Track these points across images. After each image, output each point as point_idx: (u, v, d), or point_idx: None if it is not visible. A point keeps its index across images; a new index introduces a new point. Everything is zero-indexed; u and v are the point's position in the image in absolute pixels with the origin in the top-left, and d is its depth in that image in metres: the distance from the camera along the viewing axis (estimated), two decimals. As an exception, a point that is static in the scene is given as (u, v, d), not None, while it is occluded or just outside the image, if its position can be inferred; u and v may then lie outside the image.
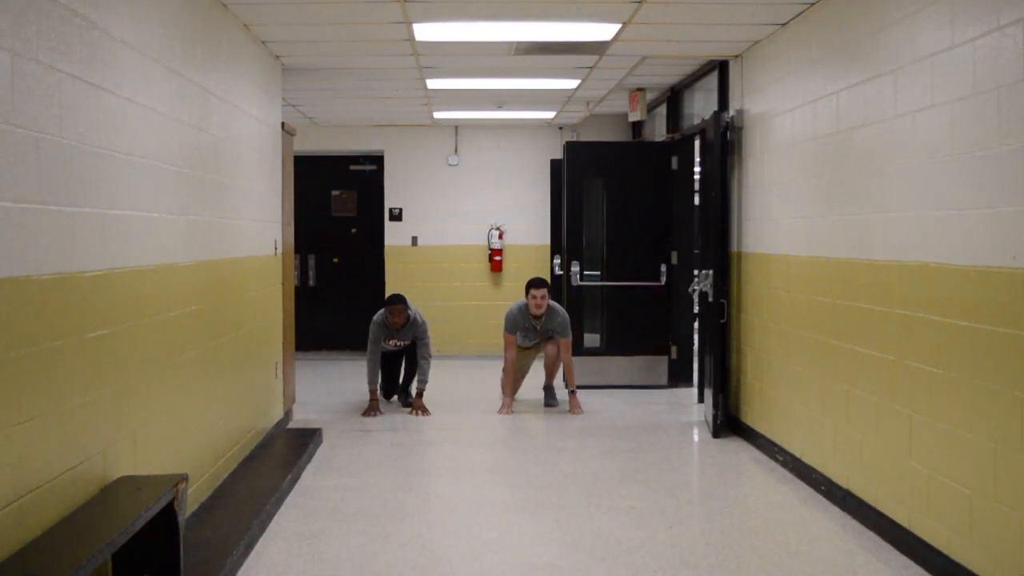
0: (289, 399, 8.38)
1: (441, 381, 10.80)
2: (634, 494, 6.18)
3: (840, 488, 5.79)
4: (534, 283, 9.02)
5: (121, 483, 4.23)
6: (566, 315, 9.16)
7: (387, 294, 12.63)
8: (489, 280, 12.75)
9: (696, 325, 9.70)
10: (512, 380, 9.17)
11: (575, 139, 12.39)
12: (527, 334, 9.16)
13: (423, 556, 5.00)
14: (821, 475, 6.09)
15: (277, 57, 7.87)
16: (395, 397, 9.57)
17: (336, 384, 10.65)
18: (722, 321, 8.08)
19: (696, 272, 8.82)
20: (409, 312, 9.08)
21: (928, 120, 4.74)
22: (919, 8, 4.81)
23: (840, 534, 5.36)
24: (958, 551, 4.48)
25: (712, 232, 8.19)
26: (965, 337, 4.40)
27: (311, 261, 12.95)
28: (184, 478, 4.28)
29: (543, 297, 8.94)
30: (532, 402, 9.53)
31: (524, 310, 9.07)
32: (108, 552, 3.53)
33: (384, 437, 8.04)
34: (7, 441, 3.37)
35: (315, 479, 6.54)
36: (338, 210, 13.02)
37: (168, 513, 4.13)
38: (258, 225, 7.15)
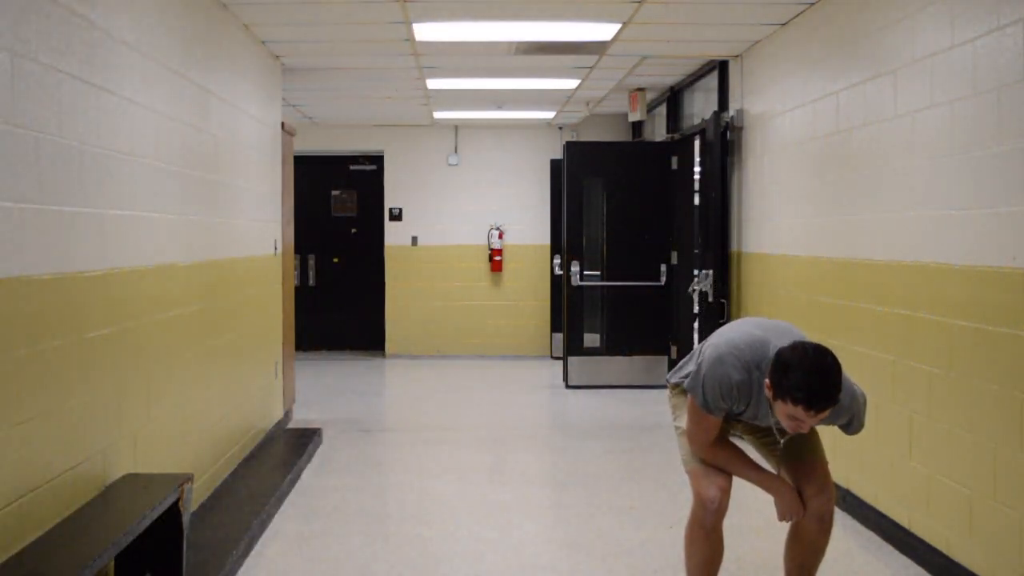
0: (289, 399, 8.38)
1: (441, 381, 10.81)
2: (634, 494, 6.18)
3: (840, 488, 5.78)
4: (814, 402, 3.38)
5: (125, 481, 4.24)
6: (861, 396, 3.78)
7: (387, 294, 12.67)
8: (489, 280, 12.75)
9: (696, 325, 9.70)
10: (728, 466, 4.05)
11: (575, 139, 12.38)
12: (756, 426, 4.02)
13: (423, 556, 5.00)
14: (821, 475, 6.08)
15: (277, 57, 7.86)
16: None
17: (336, 384, 10.65)
18: (722, 321, 8.08)
19: (696, 272, 8.82)
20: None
21: (928, 120, 4.74)
22: (919, 8, 4.81)
23: (840, 534, 5.35)
24: (958, 551, 4.48)
25: (712, 232, 8.19)
26: (965, 337, 4.40)
27: (311, 261, 12.95)
28: (189, 478, 4.28)
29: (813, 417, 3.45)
30: (530, 399, 9.53)
31: (755, 386, 3.67)
32: (114, 552, 3.53)
33: (384, 437, 8.04)
34: (7, 441, 3.37)
35: (315, 479, 6.54)
36: (338, 210, 13.02)
37: (172, 513, 4.14)
38: (258, 225, 7.14)
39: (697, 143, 9.48)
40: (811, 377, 3.33)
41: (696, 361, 3.81)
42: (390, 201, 12.72)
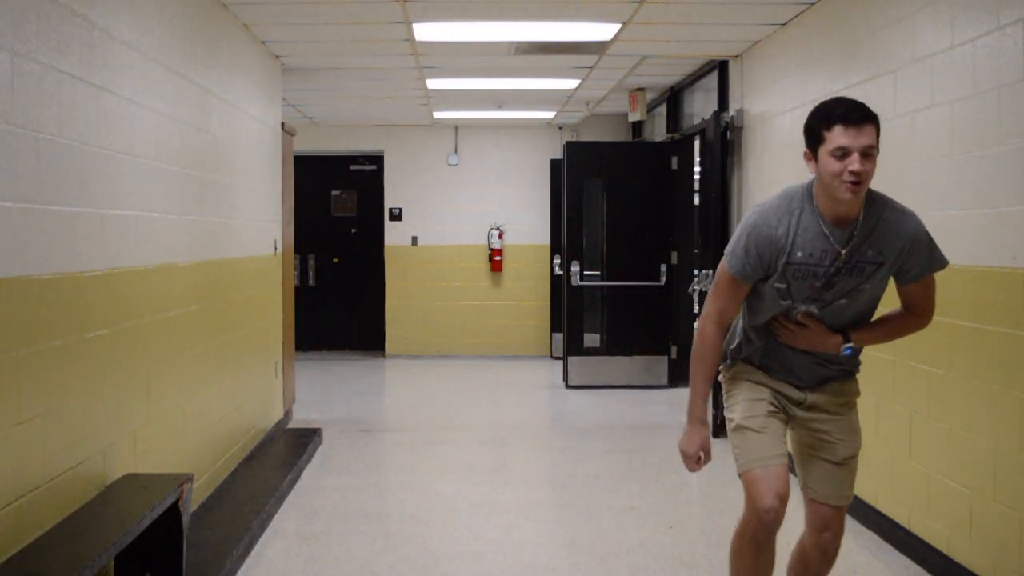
0: (289, 399, 8.38)
1: (441, 381, 10.82)
2: (634, 494, 6.18)
3: (840, 488, 5.79)
4: (849, 113, 3.27)
5: (125, 481, 4.23)
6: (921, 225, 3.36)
7: (387, 294, 12.68)
8: (489, 280, 12.75)
9: (696, 325, 9.70)
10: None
11: (575, 139, 12.39)
12: (807, 279, 3.37)
13: (423, 556, 5.00)
14: (821, 475, 6.08)
15: (277, 57, 7.86)
16: None
17: (336, 384, 10.65)
18: (722, 321, 8.07)
19: (696, 272, 8.82)
20: None
21: (928, 120, 4.74)
22: (919, 8, 4.81)
23: (840, 534, 5.36)
24: (958, 551, 4.48)
25: (712, 232, 8.18)
26: (965, 337, 4.40)
27: (311, 261, 12.95)
28: (189, 478, 4.28)
29: (870, 157, 3.23)
30: (530, 399, 9.52)
31: (807, 206, 3.53)
32: (114, 552, 3.53)
33: (384, 437, 8.04)
34: (7, 441, 3.37)
35: (315, 479, 6.54)
36: (338, 210, 13.02)
37: (172, 513, 4.14)
38: (258, 225, 7.15)
39: (697, 143, 9.49)
40: (838, 99, 3.34)
41: None
42: (390, 201, 12.72)
